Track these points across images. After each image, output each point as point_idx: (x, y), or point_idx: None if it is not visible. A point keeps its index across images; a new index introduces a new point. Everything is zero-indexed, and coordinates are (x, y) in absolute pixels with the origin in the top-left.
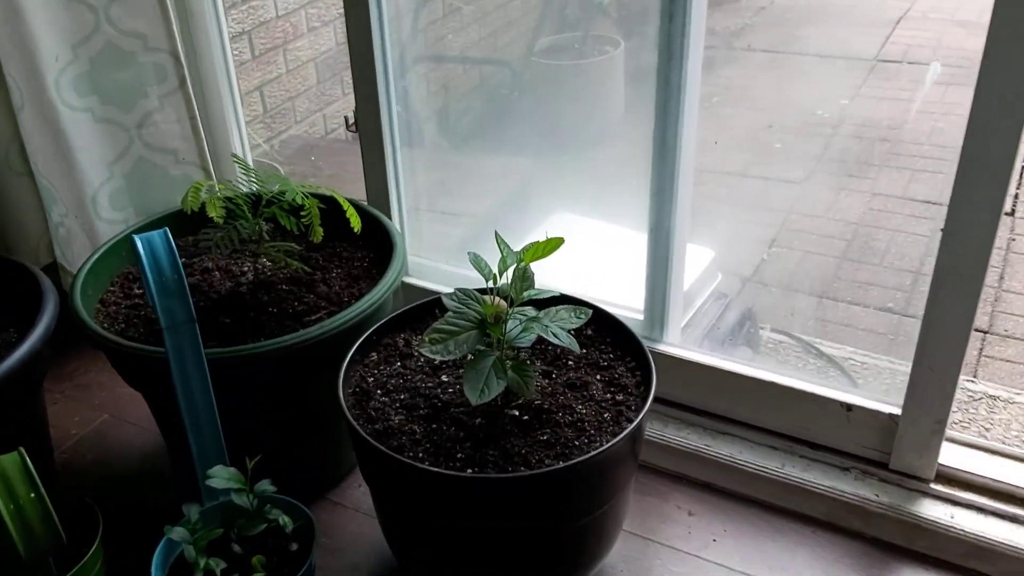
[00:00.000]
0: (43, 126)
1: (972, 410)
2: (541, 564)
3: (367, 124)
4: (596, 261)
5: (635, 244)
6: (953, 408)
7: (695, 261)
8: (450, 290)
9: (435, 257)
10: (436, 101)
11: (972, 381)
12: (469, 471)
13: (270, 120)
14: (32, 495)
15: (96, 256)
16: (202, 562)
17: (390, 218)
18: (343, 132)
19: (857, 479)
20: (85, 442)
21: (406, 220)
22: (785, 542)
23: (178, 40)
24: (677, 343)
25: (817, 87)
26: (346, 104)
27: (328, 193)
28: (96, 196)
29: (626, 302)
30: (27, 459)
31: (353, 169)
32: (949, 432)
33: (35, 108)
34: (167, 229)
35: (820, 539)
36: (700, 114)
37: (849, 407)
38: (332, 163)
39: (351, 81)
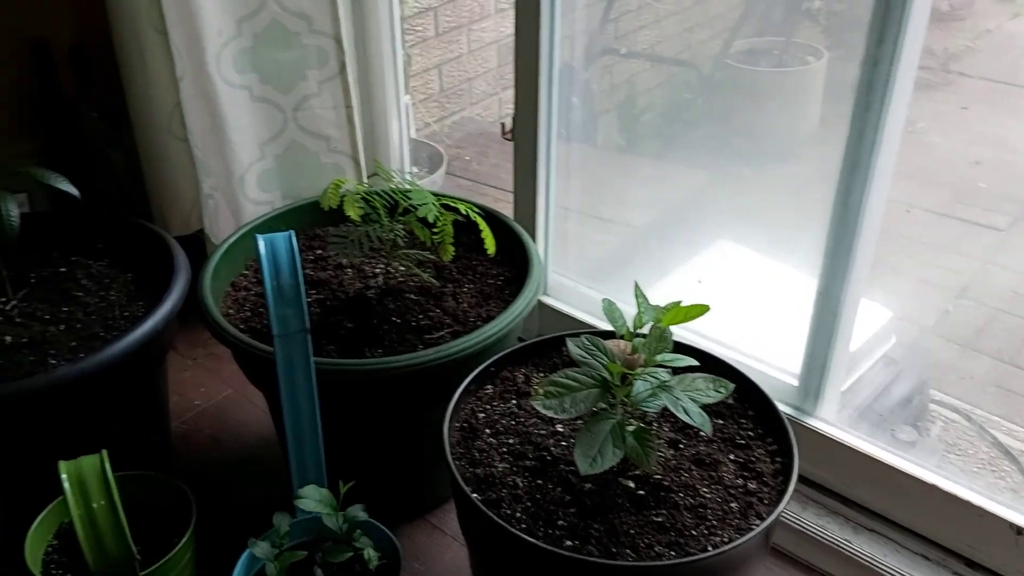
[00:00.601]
0: (200, 99)
1: None
2: None
3: (523, 121)
4: (756, 303)
5: (803, 290)
6: None
7: (867, 320)
8: (591, 317)
9: (576, 276)
10: (614, 97)
11: None
12: (568, 543)
13: (444, 99)
14: (104, 502)
15: (233, 239)
16: None
17: (535, 222)
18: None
19: None
20: (205, 415)
21: (555, 222)
22: None
23: (345, 23)
24: (831, 420)
25: None
26: None
27: (465, 209)
28: (245, 175)
29: (782, 358)
30: (107, 464)
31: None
32: None
33: (194, 80)
34: (292, 233)
35: None
36: (901, 139)
37: (1020, 530)
38: (499, 151)
39: None
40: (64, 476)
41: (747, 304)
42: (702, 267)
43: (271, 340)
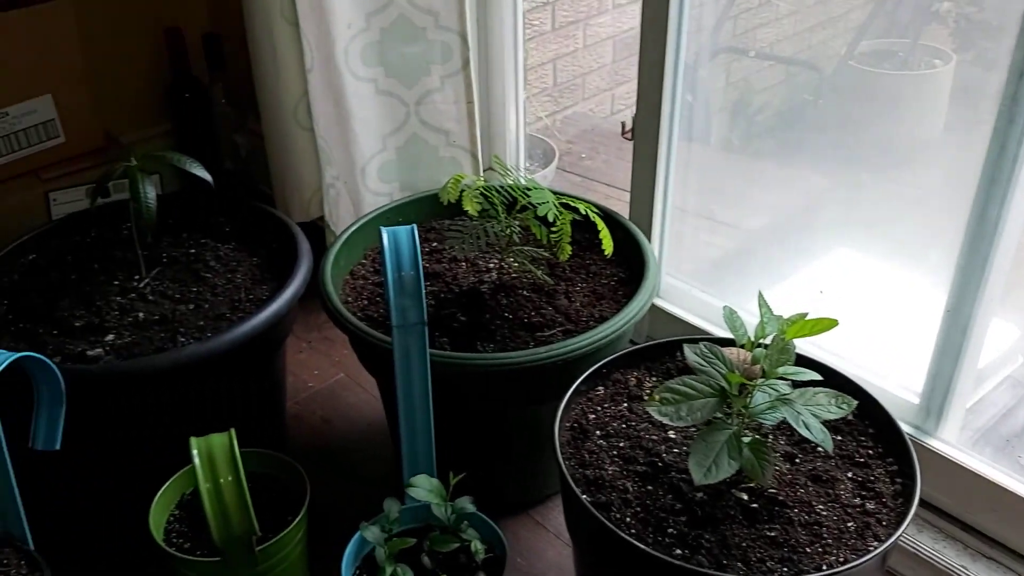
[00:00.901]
0: (327, 90)
1: None
2: None
3: (645, 120)
4: (877, 315)
5: (927, 302)
6: None
7: (993, 338)
8: (704, 322)
9: (690, 279)
10: (730, 96)
11: None
12: (678, 551)
13: (557, 94)
14: (231, 478)
15: (354, 228)
16: (390, 569)
17: (651, 223)
18: (630, 113)
19: None
20: (318, 397)
21: (668, 223)
22: None
23: (471, 18)
24: (952, 441)
25: None
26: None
27: (584, 208)
28: (367, 166)
29: (903, 374)
30: (235, 442)
31: (630, 158)
32: None
33: (322, 71)
34: (414, 227)
35: None
36: None
37: None
38: (611, 147)
39: None
40: (195, 451)
41: (868, 315)
42: (821, 274)
43: (387, 329)
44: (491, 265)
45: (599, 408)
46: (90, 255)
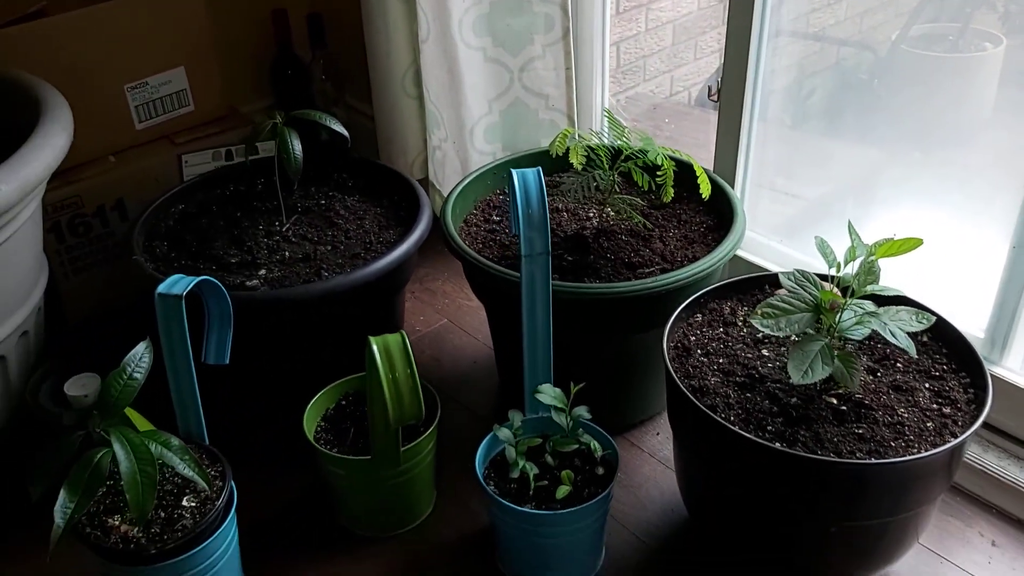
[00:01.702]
0: (442, 58)
1: None
2: (830, 553)
3: (729, 96)
4: (940, 267)
5: (987, 255)
6: None
7: None
8: (781, 269)
9: (767, 234)
10: (785, 77)
11: None
12: (778, 445)
13: (621, 76)
14: (408, 372)
15: (466, 182)
16: (520, 463)
17: (734, 179)
18: (687, 95)
19: None
20: (426, 340)
21: (749, 181)
22: None
23: None
24: (1017, 369)
25: None
26: (695, 69)
27: (683, 158)
28: (474, 128)
29: (968, 315)
30: (407, 340)
31: (692, 135)
32: None
33: (438, 42)
34: (540, 169)
35: None
36: None
37: None
38: (671, 128)
39: (704, 47)
40: (375, 347)
41: (934, 263)
42: (887, 228)
43: (501, 261)
44: (591, 214)
45: (699, 332)
46: (233, 205)
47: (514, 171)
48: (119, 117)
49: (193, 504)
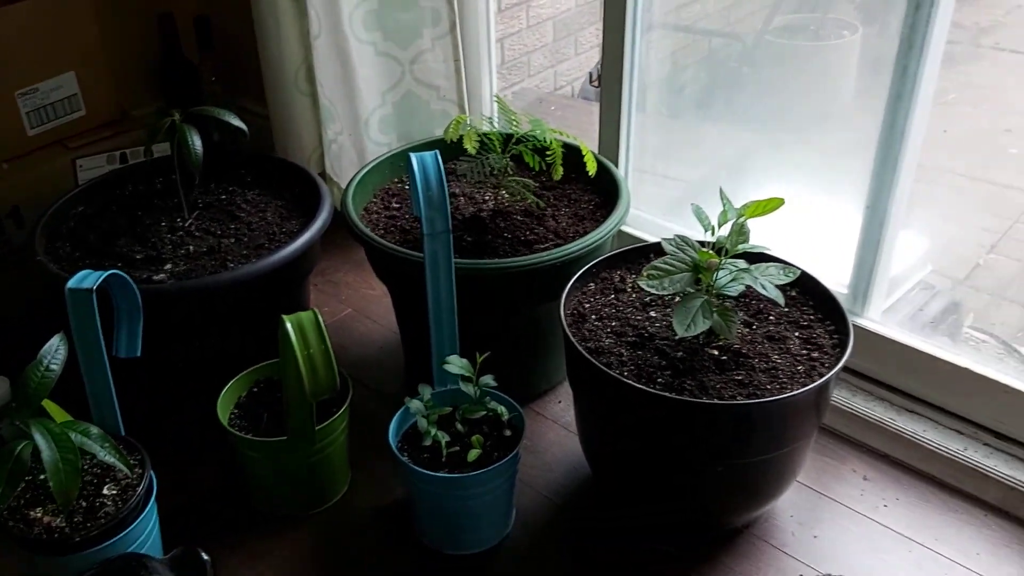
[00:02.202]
0: (334, 53)
1: None
2: (720, 492)
3: (609, 82)
4: (806, 233)
5: (847, 223)
6: None
7: (907, 248)
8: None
9: (652, 212)
10: (663, 68)
11: None
12: (667, 393)
13: (506, 72)
14: (322, 347)
15: (365, 171)
16: (432, 432)
17: (618, 160)
18: (570, 89)
19: None
20: (331, 330)
21: (631, 162)
22: (954, 519)
23: None
24: (877, 319)
25: None
26: (577, 64)
27: (570, 139)
28: (369, 119)
29: (831, 277)
30: (319, 316)
31: (577, 125)
32: None
33: (330, 37)
34: (437, 152)
35: (990, 522)
36: (934, 110)
37: None
38: (557, 117)
39: (583, 43)
40: (288, 325)
41: (799, 233)
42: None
43: (405, 246)
44: (487, 197)
45: (592, 299)
46: (133, 205)
47: (412, 154)
48: (10, 124)
49: (114, 492)
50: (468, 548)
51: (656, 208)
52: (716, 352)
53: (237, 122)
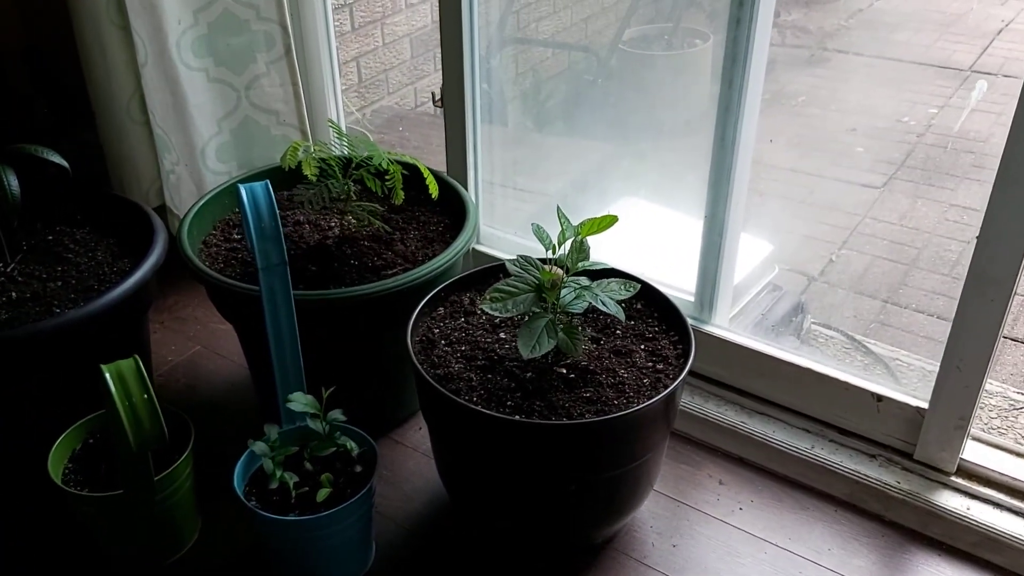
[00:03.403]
0: (163, 81)
1: (1013, 418)
2: (577, 509)
3: (451, 99)
4: (657, 245)
5: (696, 233)
6: (993, 414)
7: (752, 253)
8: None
9: (505, 228)
10: (522, 83)
11: (1017, 391)
12: (517, 417)
13: (364, 90)
14: (144, 396)
15: (202, 202)
16: (278, 474)
17: (466, 179)
18: (431, 106)
19: (882, 466)
20: (179, 368)
21: (481, 193)
22: (807, 516)
23: (287, 12)
24: (724, 326)
25: (907, 94)
26: (437, 79)
27: (411, 161)
28: (205, 148)
29: (681, 285)
30: (141, 365)
31: (438, 142)
32: (976, 432)
33: (157, 65)
34: (268, 181)
35: (840, 517)
36: (783, 114)
37: (879, 398)
38: (419, 135)
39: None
40: (107, 375)
41: (650, 244)
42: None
43: (244, 278)
44: (332, 223)
45: (441, 324)
46: None
47: (241, 186)
48: None
49: None
50: None
51: (515, 224)
52: (564, 371)
53: (59, 159)
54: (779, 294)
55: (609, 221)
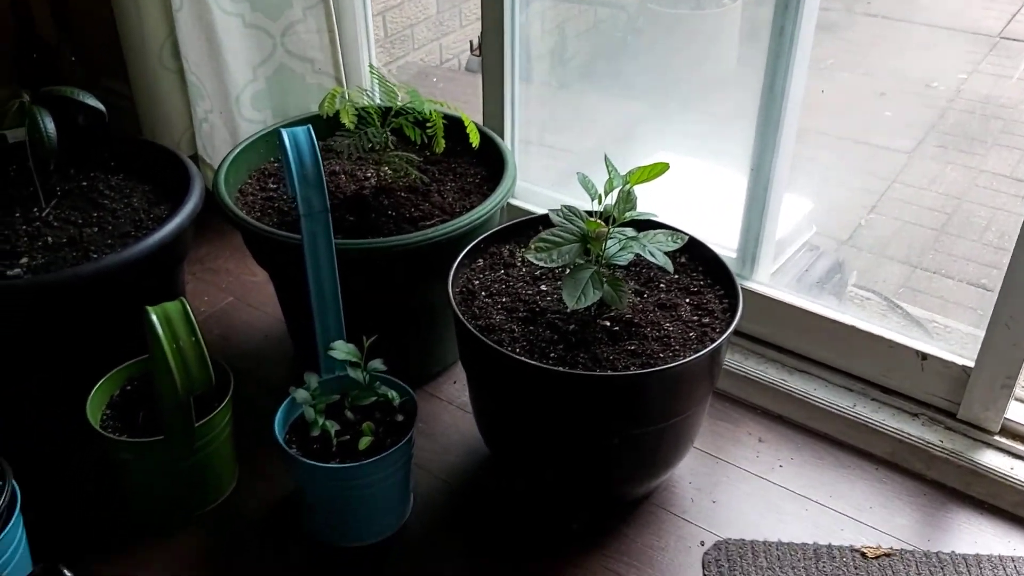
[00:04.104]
0: (198, 27)
1: None
2: (618, 463)
3: (490, 52)
4: (695, 200)
5: (735, 188)
6: None
7: (792, 210)
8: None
9: (541, 184)
10: (550, 40)
11: None
12: (560, 368)
13: (390, 45)
14: (192, 339)
15: (238, 150)
16: (320, 421)
17: (503, 131)
18: (457, 62)
19: (925, 424)
20: (212, 319)
21: (517, 134)
22: (847, 474)
23: None
24: (765, 282)
25: (936, 59)
26: (462, 35)
27: (451, 111)
28: (240, 96)
29: (720, 241)
30: (188, 307)
31: (463, 98)
32: (1021, 392)
33: (192, 9)
34: (310, 127)
35: (881, 475)
36: (812, 76)
37: (924, 356)
38: (443, 91)
39: (468, 14)
40: (154, 317)
41: (688, 199)
42: None
43: (283, 226)
44: (368, 174)
45: (481, 276)
46: None
47: (283, 131)
48: None
49: None
50: (364, 539)
51: (545, 180)
52: (608, 323)
53: (94, 102)
54: (817, 253)
55: (660, 169)
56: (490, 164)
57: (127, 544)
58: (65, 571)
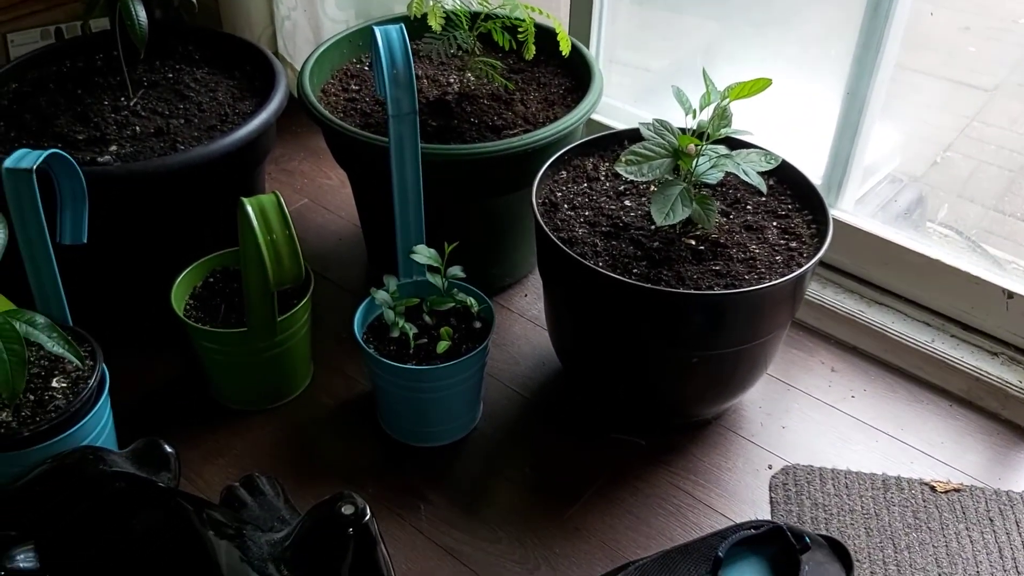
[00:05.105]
0: None
1: None
2: (693, 382)
3: None
4: (779, 123)
5: (822, 112)
6: None
7: (881, 138)
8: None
9: (621, 99)
10: None
11: None
12: (644, 284)
13: None
14: (286, 232)
15: (322, 49)
16: (400, 323)
17: (589, 43)
18: None
19: (1004, 364)
20: None
21: (603, 47)
22: (920, 408)
23: None
24: (850, 210)
25: None
26: None
27: (542, 17)
28: None
29: (804, 167)
30: (282, 200)
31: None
32: None
33: None
34: (403, 26)
35: (955, 412)
36: None
37: (1011, 294)
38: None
39: None
40: (249, 208)
41: (772, 121)
42: None
43: (366, 127)
44: (451, 79)
45: (564, 188)
46: (72, 82)
47: (376, 28)
48: None
49: (64, 385)
50: (436, 440)
51: (626, 96)
52: (693, 242)
53: None
54: (900, 185)
55: (762, 85)
56: (575, 75)
57: (206, 429)
58: (165, 445)
